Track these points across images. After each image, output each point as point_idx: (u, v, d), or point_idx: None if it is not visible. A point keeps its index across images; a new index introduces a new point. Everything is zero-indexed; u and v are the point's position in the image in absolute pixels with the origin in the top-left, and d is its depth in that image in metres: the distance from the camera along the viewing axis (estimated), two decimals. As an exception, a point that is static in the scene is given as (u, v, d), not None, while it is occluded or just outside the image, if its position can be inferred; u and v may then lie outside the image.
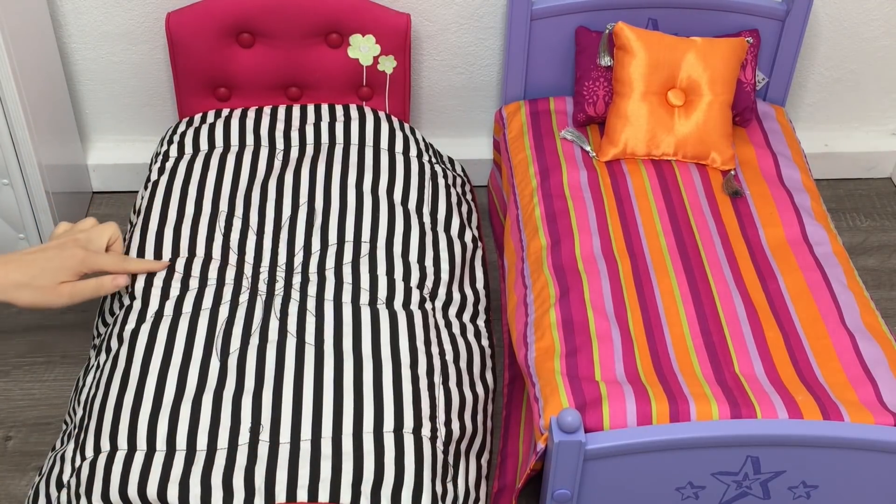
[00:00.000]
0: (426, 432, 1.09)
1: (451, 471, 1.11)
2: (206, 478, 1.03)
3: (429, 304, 1.25)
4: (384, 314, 1.19)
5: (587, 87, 1.49)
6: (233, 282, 1.22)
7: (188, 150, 1.42)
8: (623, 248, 1.29)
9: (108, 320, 1.25)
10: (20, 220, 1.51)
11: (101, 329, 1.27)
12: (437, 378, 1.16)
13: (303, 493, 1.01)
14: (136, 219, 1.36)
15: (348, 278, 1.22)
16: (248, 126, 1.46)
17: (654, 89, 1.42)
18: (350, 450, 1.05)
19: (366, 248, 1.27)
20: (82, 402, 1.15)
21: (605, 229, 1.32)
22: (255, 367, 1.12)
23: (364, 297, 1.21)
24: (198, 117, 1.51)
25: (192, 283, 1.22)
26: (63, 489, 1.08)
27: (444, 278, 1.30)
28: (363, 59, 1.52)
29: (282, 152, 1.42)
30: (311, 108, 1.51)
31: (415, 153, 1.45)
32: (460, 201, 1.45)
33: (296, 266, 1.24)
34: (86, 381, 1.18)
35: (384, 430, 1.07)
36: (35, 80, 1.45)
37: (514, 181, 1.45)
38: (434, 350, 1.19)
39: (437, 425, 1.11)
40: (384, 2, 1.54)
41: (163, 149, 1.45)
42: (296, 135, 1.45)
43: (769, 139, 1.49)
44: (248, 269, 1.24)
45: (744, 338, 1.17)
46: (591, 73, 1.49)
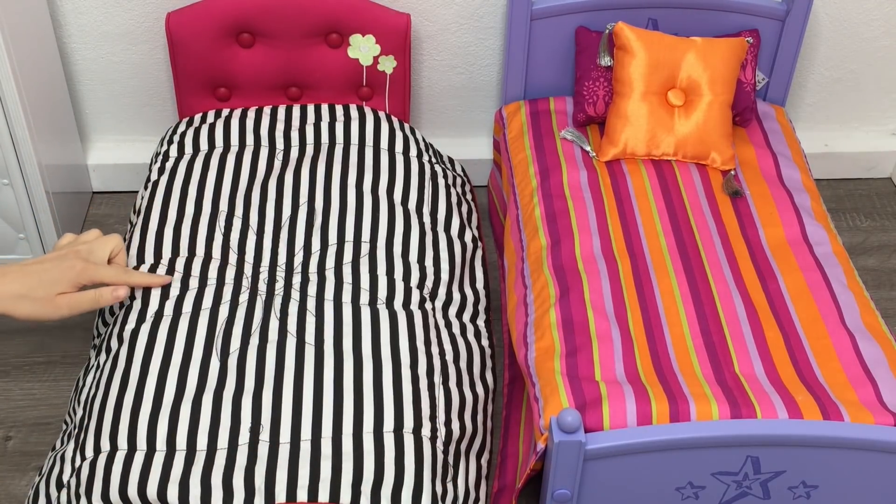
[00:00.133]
0: (426, 432, 1.09)
1: (451, 471, 1.11)
2: (206, 478, 1.03)
3: (429, 304, 1.25)
4: (384, 314, 1.19)
5: (587, 87, 1.49)
6: (233, 281, 1.22)
7: (188, 150, 1.42)
8: (623, 248, 1.29)
9: (108, 320, 1.25)
10: (20, 220, 1.51)
11: (101, 329, 1.27)
12: (437, 378, 1.16)
13: (303, 493, 1.01)
14: (136, 219, 1.36)
15: (348, 278, 1.22)
16: (248, 126, 1.46)
17: (654, 89, 1.42)
18: (350, 450, 1.05)
19: (366, 248, 1.27)
20: (82, 402, 1.15)
21: (605, 229, 1.32)
22: (255, 367, 1.12)
23: (364, 297, 1.21)
24: (198, 117, 1.51)
25: (192, 282, 1.22)
26: (63, 489, 1.08)
27: (444, 278, 1.30)
28: (363, 59, 1.52)
29: (282, 152, 1.42)
30: (311, 108, 1.51)
31: (415, 153, 1.45)
32: (460, 201, 1.45)
33: (296, 266, 1.24)
34: (86, 381, 1.18)
35: (384, 430, 1.07)
36: (35, 80, 1.45)
37: (514, 181, 1.45)
38: (434, 350, 1.19)
39: (437, 425, 1.11)
40: (384, 2, 1.54)
41: (163, 149, 1.45)
42: (296, 135, 1.45)
43: (769, 139, 1.49)
44: (248, 269, 1.24)
45: (744, 338, 1.17)
46: (591, 73, 1.49)
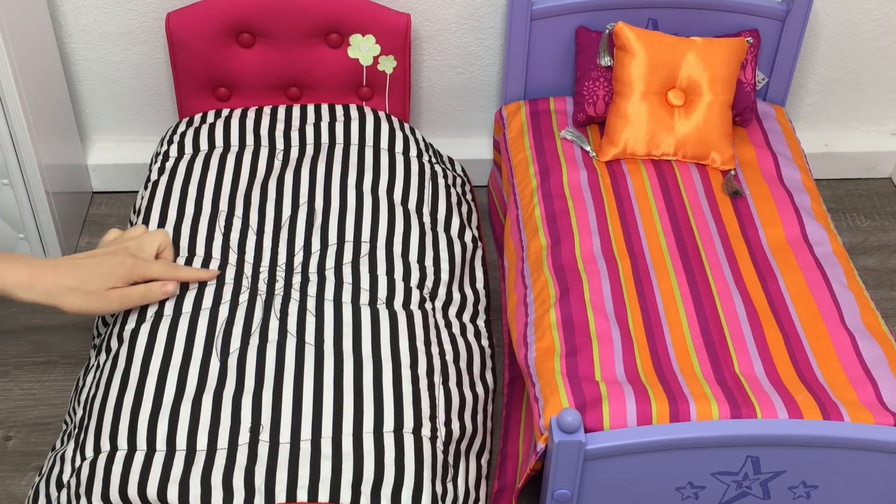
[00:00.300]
0: (426, 432, 1.09)
1: (451, 471, 1.11)
2: (206, 478, 1.03)
3: (429, 304, 1.25)
4: (384, 314, 1.19)
5: (587, 87, 1.49)
6: (233, 281, 1.22)
7: (188, 150, 1.43)
8: (623, 248, 1.29)
9: (108, 320, 1.25)
10: (20, 220, 1.51)
11: (101, 329, 1.27)
12: (437, 378, 1.16)
13: (303, 494, 1.01)
14: (136, 219, 1.36)
15: (348, 278, 1.22)
16: (248, 126, 1.46)
17: (654, 89, 1.42)
18: (350, 450, 1.05)
19: (366, 248, 1.27)
20: (82, 402, 1.15)
21: (605, 229, 1.32)
22: (255, 367, 1.12)
23: (364, 297, 1.21)
24: (198, 117, 1.51)
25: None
26: (63, 489, 1.08)
27: (444, 278, 1.30)
28: (363, 59, 1.52)
29: (282, 152, 1.42)
30: (311, 108, 1.51)
31: (415, 153, 1.45)
32: (460, 201, 1.45)
33: (296, 266, 1.24)
34: (86, 381, 1.19)
35: (384, 430, 1.07)
36: (35, 80, 1.45)
37: (514, 181, 1.45)
38: (434, 350, 1.19)
39: (437, 425, 1.11)
40: (384, 2, 1.54)
41: (163, 149, 1.45)
42: (296, 135, 1.45)
43: (769, 139, 1.49)
44: (248, 269, 1.24)
45: (744, 338, 1.17)
46: (591, 73, 1.49)
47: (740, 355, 1.15)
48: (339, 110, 1.50)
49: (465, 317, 1.31)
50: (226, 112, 1.50)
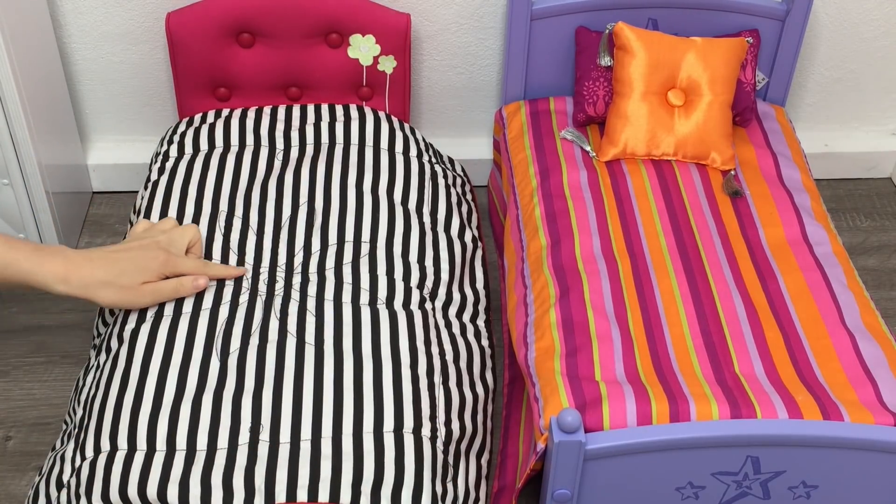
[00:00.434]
0: (426, 432, 1.09)
1: (451, 471, 1.11)
2: (206, 478, 1.03)
3: (429, 304, 1.25)
4: (384, 314, 1.19)
5: (587, 87, 1.49)
6: (233, 282, 1.22)
7: (188, 150, 1.42)
8: (623, 248, 1.29)
9: (108, 320, 1.25)
10: (20, 220, 1.51)
11: (101, 329, 1.27)
12: (437, 378, 1.16)
13: (303, 493, 1.01)
14: (136, 219, 1.36)
15: (348, 278, 1.22)
16: (248, 126, 1.46)
17: (654, 89, 1.42)
18: (350, 450, 1.05)
19: (366, 248, 1.27)
20: (82, 402, 1.15)
21: (605, 229, 1.32)
22: (255, 367, 1.12)
23: (364, 297, 1.21)
24: (198, 117, 1.51)
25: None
26: (63, 489, 1.08)
27: (444, 278, 1.30)
28: (363, 59, 1.52)
29: (282, 152, 1.42)
30: (311, 108, 1.51)
31: (415, 153, 1.45)
32: (460, 201, 1.45)
33: (296, 266, 1.24)
34: (86, 381, 1.18)
35: (384, 430, 1.07)
36: (35, 80, 1.45)
37: (514, 181, 1.45)
38: (434, 350, 1.19)
39: (437, 425, 1.11)
40: (384, 2, 1.54)
41: (163, 149, 1.45)
42: (296, 135, 1.45)
43: (769, 139, 1.49)
44: (249, 270, 1.24)
45: (744, 338, 1.17)
46: (591, 73, 1.49)
47: (740, 355, 1.15)
48: (339, 110, 1.50)
49: (465, 317, 1.31)
50: (226, 112, 1.50)
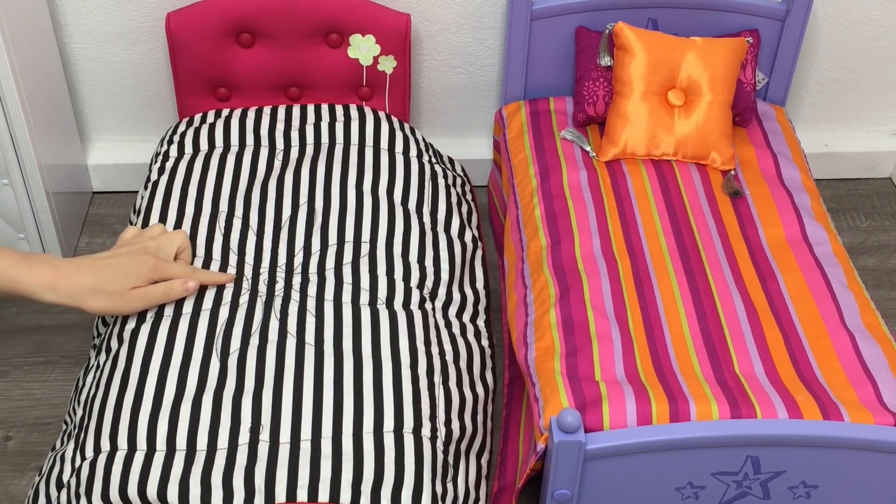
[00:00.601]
0: (426, 432, 1.09)
1: (451, 471, 1.11)
2: (206, 478, 1.03)
3: (429, 304, 1.25)
4: (384, 314, 1.19)
5: (587, 87, 1.49)
6: (233, 283, 1.22)
7: (188, 150, 1.42)
8: (623, 248, 1.29)
9: (108, 320, 1.25)
10: (20, 220, 1.51)
11: (101, 329, 1.27)
12: (437, 378, 1.16)
13: (303, 493, 1.01)
14: (136, 219, 1.36)
15: (348, 278, 1.23)
16: (248, 126, 1.46)
17: (654, 89, 1.42)
18: (350, 450, 1.05)
19: (366, 248, 1.27)
20: (82, 402, 1.15)
21: (605, 229, 1.32)
22: (255, 368, 1.12)
23: (364, 298, 1.21)
24: (198, 117, 1.51)
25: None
26: (63, 489, 1.08)
27: (444, 278, 1.30)
28: (363, 59, 1.52)
29: (282, 152, 1.42)
30: (311, 108, 1.51)
31: (415, 153, 1.45)
32: (460, 201, 1.45)
33: (296, 266, 1.24)
34: (86, 381, 1.18)
35: (384, 430, 1.07)
36: (35, 80, 1.45)
37: (514, 181, 1.45)
38: (434, 350, 1.19)
39: (437, 425, 1.11)
40: (384, 2, 1.54)
41: (163, 149, 1.45)
42: (296, 135, 1.45)
43: (769, 139, 1.49)
44: (248, 270, 1.24)
45: (744, 338, 1.17)
46: (591, 73, 1.49)
47: (740, 355, 1.15)
48: (339, 110, 1.50)
49: (465, 317, 1.31)
50: (226, 112, 1.50)
